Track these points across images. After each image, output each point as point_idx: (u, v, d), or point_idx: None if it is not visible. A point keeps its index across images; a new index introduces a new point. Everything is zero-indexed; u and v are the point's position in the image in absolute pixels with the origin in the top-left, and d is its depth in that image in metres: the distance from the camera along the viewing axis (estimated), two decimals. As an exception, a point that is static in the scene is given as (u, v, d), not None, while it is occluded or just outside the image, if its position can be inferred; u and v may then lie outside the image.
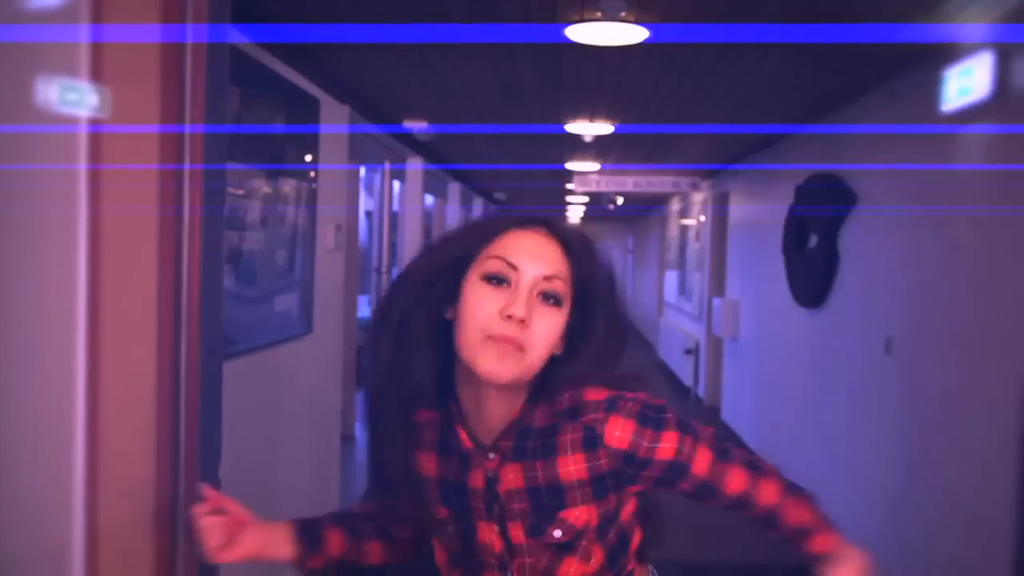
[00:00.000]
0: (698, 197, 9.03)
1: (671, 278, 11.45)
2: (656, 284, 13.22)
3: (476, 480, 1.10)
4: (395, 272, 6.26)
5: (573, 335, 1.06)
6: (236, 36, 2.63)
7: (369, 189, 7.32)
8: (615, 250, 19.15)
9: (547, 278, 1.03)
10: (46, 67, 1.32)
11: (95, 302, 1.37)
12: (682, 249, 10.37)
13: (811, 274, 4.75)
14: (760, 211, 6.26)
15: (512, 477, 1.08)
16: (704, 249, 8.61)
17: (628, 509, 1.17)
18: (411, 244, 6.48)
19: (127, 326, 1.41)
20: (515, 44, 3.34)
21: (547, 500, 1.08)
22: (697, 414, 8.12)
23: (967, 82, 3.01)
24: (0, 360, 1.33)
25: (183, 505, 1.44)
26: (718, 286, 8.05)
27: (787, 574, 1.16)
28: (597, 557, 1.12)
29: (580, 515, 1.08)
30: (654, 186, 8.28)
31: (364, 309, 7.31)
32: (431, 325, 1.06)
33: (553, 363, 1.06)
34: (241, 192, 2.94)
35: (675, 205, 11.01)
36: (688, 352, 8.99)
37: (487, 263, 1.03)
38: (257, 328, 3.13)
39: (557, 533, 1.08)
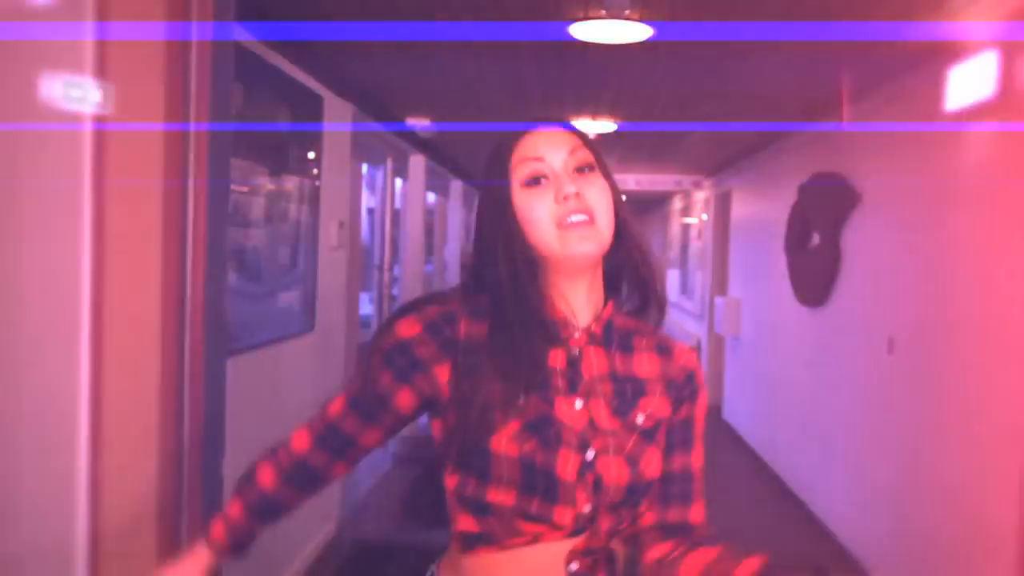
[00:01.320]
0: (700, 195, 9.02)
1: (673, 276, 11.44)
2: (658, 282, 13.17)
3: (556, 359, 1.11)
4: (397, 270, 6.26)
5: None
6: (240, 34, 2.63)
7: (371, 186, 7.31)
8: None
9: (572, 152, 1.12)
10: (51, 64, 1.33)
11: (99, 298, 1.38)
12: (684, 247, 10.37)
13: (813, 273, 4.74)
14: (763, 209, 6.26)
15: (596, 361, 1.12)
16: (706, 247, 8.60)
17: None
18: (413, 242, 6.48)
19: (131, 322, 1.42)
20: (519, 42, 3.34)
21: (628, 387, 1.13)
22: (699, 412, 8.11)
23: (971, 81, 3.00)
24: (4, 357, 1.33)
25: (187, 501, 1.44)
26: (720, 285, 8.05)
27: (785, 574, 1.13)
28: (658, 463, 1.13)
29: (659, 405, 1.14)
30: (656, 184, 8.28)
31: (366, 306, 7.32)
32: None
33: (612, 254, 1.13)
34: (245, 189, 2.95)
35: (677, 203, 11.00)
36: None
37: (518, 170, 1.11)
38: (260, 325, 3.14)
39: (640, 418, 1.12)
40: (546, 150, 1.12)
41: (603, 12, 2.88)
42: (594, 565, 1.10)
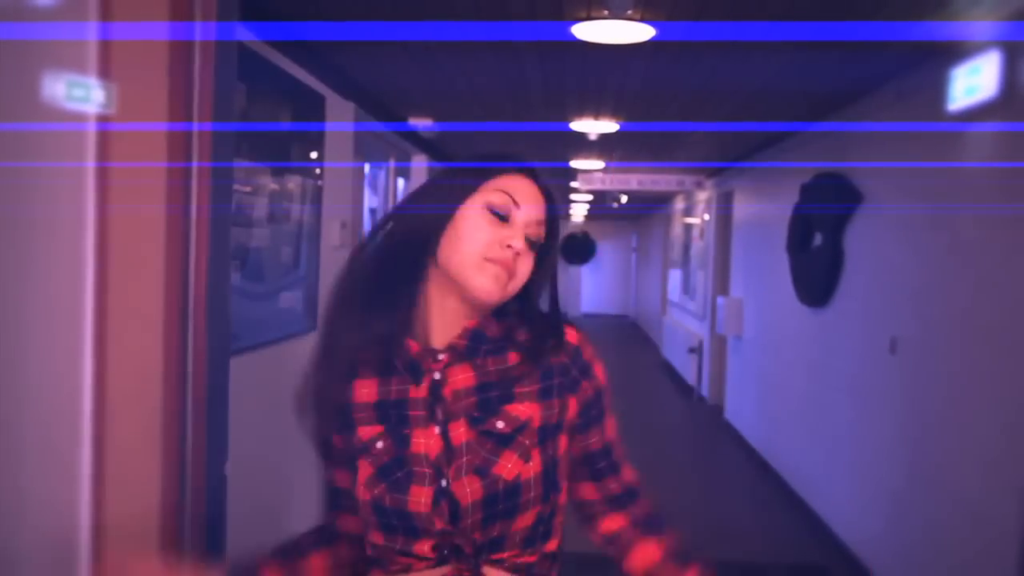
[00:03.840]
0: (702, 195, 9.02)
1: (675, 276, 11.44)
2: (660, 282, 13.21)
3: (419, 391, 1.14)
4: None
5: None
6: (243, 34, 2.63)
7: (374, 186, 7.32)
8: (619, 249, 19.17)
9: (539, 223, 1.17)
10: (55, 64, 1.33)
11: (102, 298, 1.38)
12: (686, 247, 10.36)
13: (816, 273, 4.74)
14: (765, 209, 6.25)
15: (462, 376, 1.14)
16: (708, 247, 8.60)
17: (563, 442, 1.17)
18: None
19: (134, 322, 1.42)
20: (521, 42, 3.34)
21: (495, 394, 1.13)
22: (700, 413, 8.12)
23: (974, 80, 3.00)
24: (8, 356, 1.33)
25: (190, 501, 1.44)
26: (722, 285, 8.05)
27: (788, 573, 1.14)
28: (535, 464, 1.11)
29: (524, 410, 1.13)
30: (658, 184, 8.27)
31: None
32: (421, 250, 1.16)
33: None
34: (248, 189, 2.95)
35: (679, 203, 11.00)
36: (692, 351, 8.99)
37: (493, 195, 1.14)
38: (262, 324, 3.14)
39: (500, 424, 1.11)
40: (526, 202, 1.16)
41: (606, 12, 2.88)
42: None
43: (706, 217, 8.86)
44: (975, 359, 3.01)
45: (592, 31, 3.05)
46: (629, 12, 2.86)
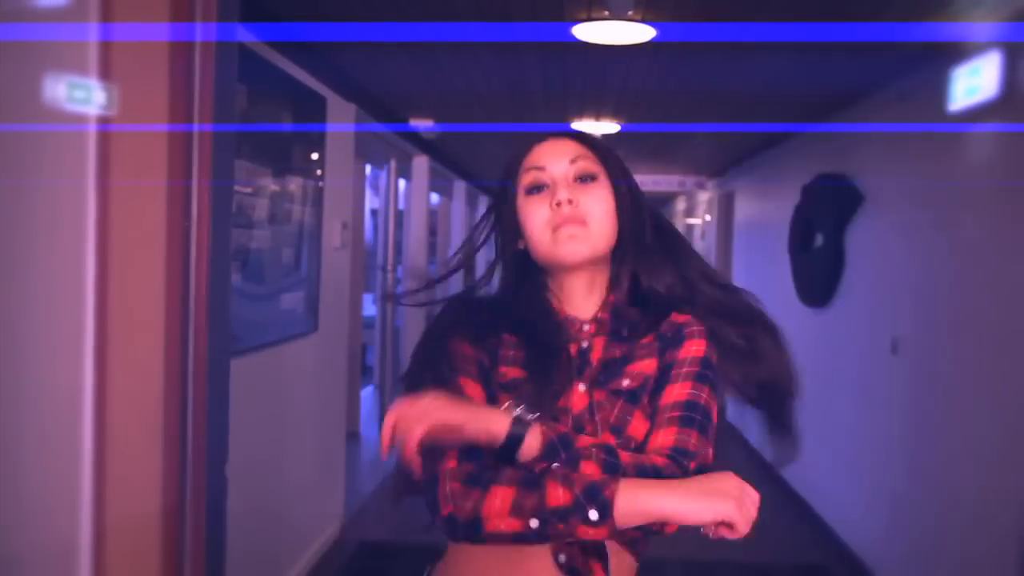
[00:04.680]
0: (704, 196, 9.02)
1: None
2: (661, 283, 13.19)
3: (565, 353, 1.17)
4: (400, 270, 6.27)
5: (625, 218, 1.20)
6: (244, 34, 2.63)
7: (375, 187, 7.33)
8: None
9: (572, 161, 1.18)
10: (55, 65, 1.33)
11: (103, 299, 1.38)
12: (688, 248, 10.34)
13: (817, 274, 4.74)
14: (766, 210, 6.25)
15: (602, 346, 1.18)
16: (710, 248, 8.60)
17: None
18: (416, 242, 6.48)
19: (135, 323, 1.42)
20: (522, 43, 3.34)
21: (620, 359, 1.17)
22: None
23: (975, 81, 3.00)
24: (8, 358, 1.33)
25: (190, 502, 1.44)
26: (723, 285, 8.03)
27: (789, 573, 1.14)
28: (644, 424, 1.13)
29: (646, 365, 1.17)
30: (660, 185, 8.27)
31: (369, 307, 7.32)
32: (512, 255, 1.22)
33: (620, 255, 1.21)
34: (248, 190, 2.95)
35: (681, 204, 11.00)
36: (693, 351, 8.97)
37: (523, 178, 1.19)
38: (263, 326, 3.14)
39: (625, 382, 1.15)
40: (549, 160, 1.19)
41: (606, 13, 2.88)
42: (584, 555, 1.10)
43: (707, 218, 8.86)
44: (976, 359, 3.01)
45: (593, 32, 3.05)
46: (630, 13, 2.86)
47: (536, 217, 1.16)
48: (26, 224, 1.33)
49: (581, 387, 1.14)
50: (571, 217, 1.14)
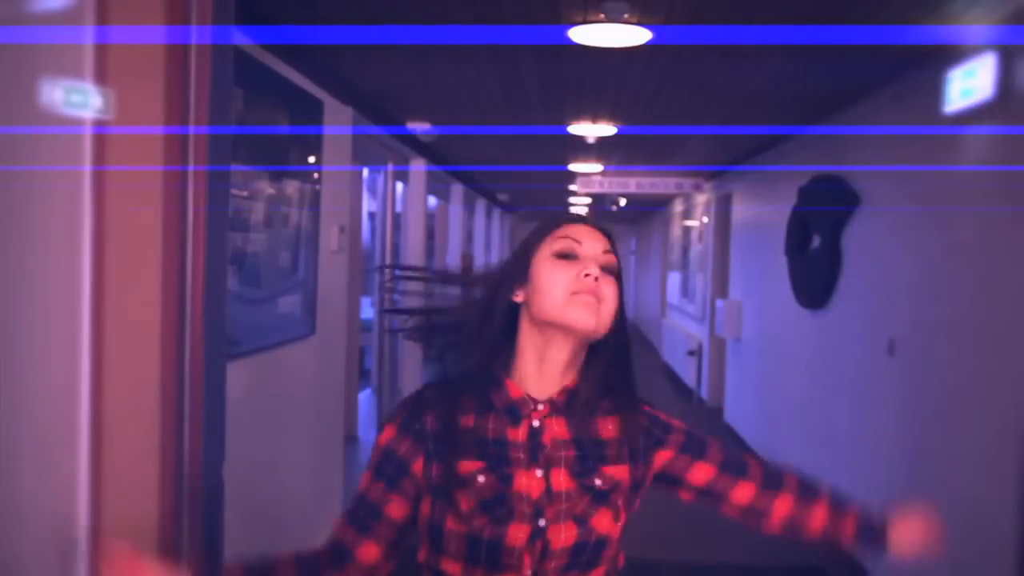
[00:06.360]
0: (701, 198, 9.02)
1: (674, 279, 11.44)
2: (659, 285, 13.21)
3: (517, 434, 1.21)
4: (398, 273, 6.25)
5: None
6: (240, 38, 2.63)
7: (372, 190, 7.32)
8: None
9: (605, 252, 1.24)
10: (51, 69, 1.33)
11: (99, 303, 1.38)
12: (685, 250, 10.37)
13: (814, 275, 4.74)
14: (763, 212, 6.26)
15: (558, 428, 1.22)
16: (707, 250, 8.60)
17: (637, 503, 1.26)
18: (414, 245, 6.49)
19: (131, 327, 1.42)
20: (518, 46, 3.34)
21: (590, 451, 1.22)
22: (700, 415, 8.11)
23: (970, 83, 3.01)
24: (5, 361, 1.33)
25: (187, 505, 1.44)
26: (721, 287, 8.05)
27: (787, 574, 1.18)
28: (621, 523, 1.21)
29: (618, 471, 1.23)
30: (657, 187, 8.28)
31: (367, 310, 7.32)
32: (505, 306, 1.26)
33: (598, 347, 1.26)
34: (245, 193, 2.95)
35: (678, 206, 11.01)
36: (691, 353, 8.99)
37: (556, 243, 1.23)
38: (260, 329, 3.14)
39: (598, 482, 1.20)
40: (585, 238, 1.24)
41: (602, 16, 2.89)
42: None
43: (705, 220, 8.87)
44: (973, 360, 3.02)
45: (589, 34, 3.05)
46: (625, 15, 2.87)
47: (558, 277, 1.20)
48: (22, 227, 1.33)
49: (538, 472, 1.18)
50: (593, 289, 1.19)
